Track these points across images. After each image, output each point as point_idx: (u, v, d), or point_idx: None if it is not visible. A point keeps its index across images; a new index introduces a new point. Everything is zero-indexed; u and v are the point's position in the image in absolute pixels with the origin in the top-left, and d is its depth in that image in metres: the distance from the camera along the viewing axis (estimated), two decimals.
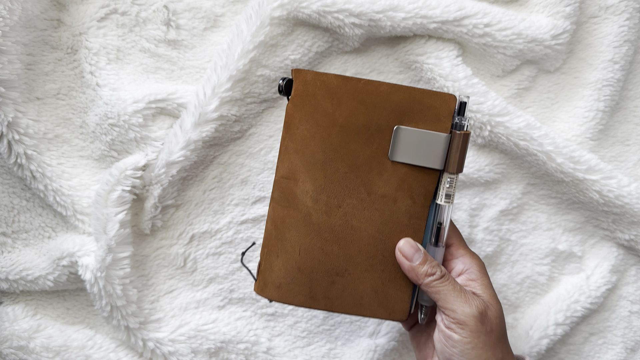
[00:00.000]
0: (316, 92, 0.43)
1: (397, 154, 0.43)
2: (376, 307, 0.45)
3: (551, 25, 0.55)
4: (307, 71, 0.43)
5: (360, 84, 0.42)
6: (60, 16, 0.54)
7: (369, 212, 0.44)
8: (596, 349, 0.62)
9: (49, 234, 0.57)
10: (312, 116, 0.43)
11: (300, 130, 0.43)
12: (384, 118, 0.43)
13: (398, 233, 0.44)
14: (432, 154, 0.43)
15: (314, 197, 0.44)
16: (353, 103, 0.43)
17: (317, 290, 0.44)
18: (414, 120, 0.43)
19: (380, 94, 0.42)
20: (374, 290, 0.44)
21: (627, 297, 0.62)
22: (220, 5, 0.55)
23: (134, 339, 0.54)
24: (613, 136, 0.61)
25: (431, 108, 0.42)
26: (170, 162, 0.52)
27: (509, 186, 0.60)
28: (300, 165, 0.44)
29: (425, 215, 0.44)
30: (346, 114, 0.43)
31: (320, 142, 0.43)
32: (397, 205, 0.44)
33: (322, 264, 0.44)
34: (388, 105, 0.42)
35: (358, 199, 0.44)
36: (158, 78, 0.55)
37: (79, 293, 0.58)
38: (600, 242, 0.62)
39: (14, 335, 0.54)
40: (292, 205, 0.44)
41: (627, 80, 0.61)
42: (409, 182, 0.43)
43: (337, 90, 0.43)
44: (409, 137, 0.42)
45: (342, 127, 0.43)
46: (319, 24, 0.53)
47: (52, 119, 0.55)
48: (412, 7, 0.52)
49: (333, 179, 0.43)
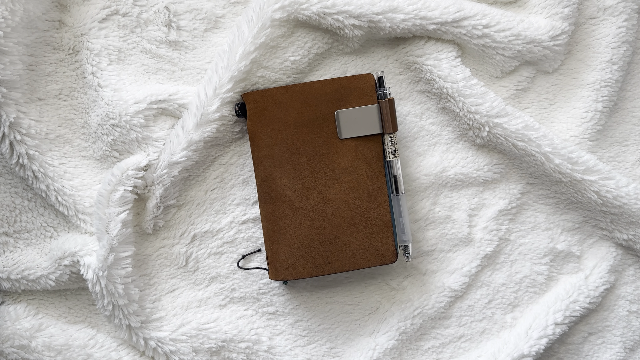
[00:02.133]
0: (266, 106, 0.52)
1: (344, 132, 0.52)
2: (369, 257, 0.54)
3: (549, 27, 0.55)
4: (254, 92, 0.52)
5: (297, 88, 0.52)
6: (61, 17, 0.55)
7: (339, 184, 0.53)
8: (595, 349, 0.62)
9: (50, 234, 0.57)
10: (269, 125, 0.52)
11: (264, 139, 0.52)
12: (325, 108, 0.52)
13: (366, 194, 0.53)
14: (370, 123, 0.52)
15: (292, 187, 0.53)
16: (297, 104, 0.52)
17: (319, 259, 0.53)
18: (348, 102, 0.52)
19: (316, 90, 0.52)
20: (363, 245, 0.54)
21: (625, 296, 0.62)
22: (221, 6, 0.56)
23: (135, 338, 0.54)
24: (611, 137, 0.61)
25: (357, 89, 0.52)
26: (172, 162, 0.52)
27: (507, 186, 0.60)
28: (273, 166, 0.53)
29: (382, 173, 0.53)
30: (295, 115, 0.52)
31: (282, 143, 0.52)
32: (358, 172, 0.53)
33: (316, 238, 0.53)
34: (324, 97, 0.52)
35: (327, 177, 0.53)
36: (159, 79, 0.56)
37: (80, 292, 0.58)
38: (599, 242, 0.62)
39: (16, 334, 0.54)
40: (276, 199, 0.53)
41: (626, 81, 0.61)
42: (361, 151, 0.53)
43: (281, 99, 0.52)
44: (349, 116, 0.52)
45: (295, 126, 0.52)
46: (319, 26, 0.54)
47: (54, 120, 0.55)
48: (411, 9, 0.53)
49: (302, 168, 0.53)
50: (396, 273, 0.59)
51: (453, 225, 0.59)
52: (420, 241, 0.59)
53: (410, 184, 0.58)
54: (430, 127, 0.59)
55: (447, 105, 0.57)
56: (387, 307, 0.59)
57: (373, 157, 0.53)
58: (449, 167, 0.59)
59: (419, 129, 0.59)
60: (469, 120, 0.56)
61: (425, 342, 0.60)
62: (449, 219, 0.59)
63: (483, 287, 0.60)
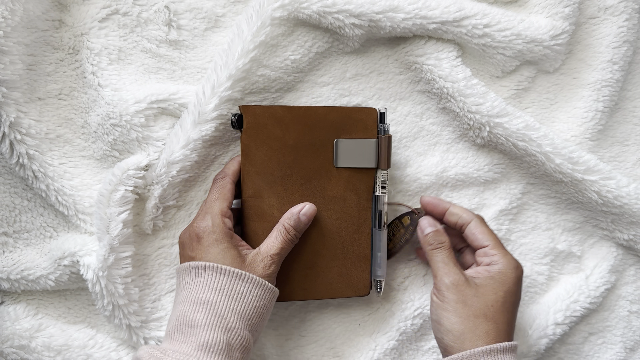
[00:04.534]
0: (266, 123, 0.51)
1: (340, 161, 0.52)
2: (344, 288, 0.54)
3: (550, 26, 0.55)
4: (255, 106, 0.51)
5: (301, 111, 0.51)
6: (61, 17, 0.54)
7: (326, 212, 0.53)
8: (595, 349, 0.62)
9: (50, 234, 0.57)
10: (266, 142, 0.51)
11: (258, 155, 0.51)
12: (325, 134, 0.52)
13: (351, 225, 0.53)
14: (366, 156, 0.52)
15: (279, 208, 0.52)
16: (298, 126, 0.51)
17: (294, 284, 0.53)
18: (349, 132, 0.52)
19: (319, 116, 0.51)
20: (340, 275, 0.54)
21: (626, 296, 0.62)
22: (221, 5, 0.56)
23: (135, 338, 0.54)
24: (612, 136, 0.61)
25: (359, 121, 0.52)
26: (170, 161, 0.52)
27: (508, 186, 0.60)
28: (263, 184, 0.52)
29: (370, 206, 0.54)
30: (294, 136, 0.51)
31: (276, 163, 0.51)
32: (347, 202, 0.53)
33: (295, 262, 0.53)
34: (326, 124, 0.51)
35: (316, 204, 0.52)
36: (159, 78, 0.55)
37: (80, 292, 0.58)
38: (599, 242, 0.62)
39: (16, 334, 0.54)
40: (261, 218, 0.52)
41: (626, 80, 0.61)
42: (353, 182, 0.53)
43: (283, 118, 0.51)
44: (347, 146, 0.52)
45: (292, 148, 0.51)
46: (319, 25, 0.53)
47: (54, 119, 0.55)
48: (411, 8, 0.53)
49: (292, 191, 0.52)
50: (396, 274, 0.59)
51: None
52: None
53: (410, 184, 0.58)
54: (430, 127, 0.59)
55: (447, 105, 0.57)
56: (387, 307, 0.59)
57: (363, 190, 0.53)
58: (450, 167, 0.59)
59: (420, 129, 0.59)
60: (470, 120, 0.56)
61: (426, 342, 0.60)
62: None
63: None
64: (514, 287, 0.50)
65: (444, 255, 0.51)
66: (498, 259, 0.50)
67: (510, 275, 0.49)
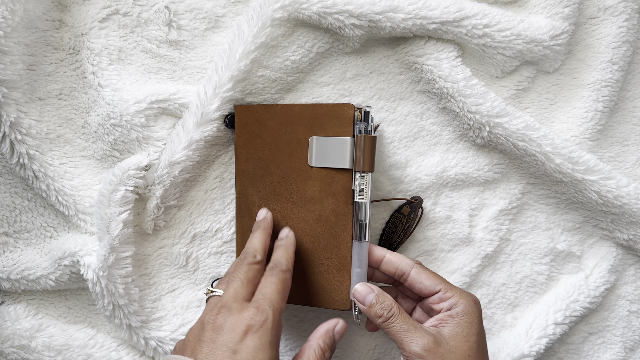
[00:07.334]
0: (249, 121, 0.51)
1: (314, 160, 0.49)
2: (322, 297, 0.51)
3: (550, 26, 0.55)
4: (242, 106, 0.52)
5: (278, 109, 0.50)
6: (62, 17, 0.55)
7: (303, 214, 0.50)
8: (595, 349, 0.62)
9: (50, 234, 0.57)
10: (248, 141, 0.52)
11: (243, 153, 0.52)
12: (301, 132, 0.50)
13: (329, 230, 0.50)
14: (341, 155, 0.48)
15: (260, 205, 0.52)
16: (275, 125, 0.51)
17: None
18: (324, 130, 0.49)
19: (295, 113, 0.50)
20: (317, 283, 0.51)
21: (625, 296, 0.62)
22: (222, 6, 0.56)
23: (135, 338, 0.54)
24: (612, 136, 0.61)
25: (334, 117, 0.48)
26: (172, 162, 0.52)
27: (508, 186, 0.60)
28: (247, 181, 0.52)
29: (349, 212, 0.49)
30: (272, 135, 0.51)
31: (257, 161, 0.52)
32: (324, 205, 0.50)
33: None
34: (302, 121, 0.50)
35: (293, 204, 0.51)
36: (160, 78, 0.56)
37: (80, 292, 0.58)
38: (599, 242, 0.62)
39: (16, 334, 0.54)
40: (247, 214, 0.53)
41: (626, 80, 0.61)
42: (329, 183, 0.49)
43: (262, 117, 0.51)
44: (322, 145, 0.49)
45: (270, 146, 0.51)
46: (319, 25, 0.54)
47: (54, 119, 0.55)
48: (411, 8, 0.53)
49: (271, 189, 0.51)
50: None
51: (454, 225, 0.59)
52: (420, 241, 0.59)
53: (411, 184, 0.58)
54: (430, 127, 0.59)
55: (447, 105, 0.57)
56: None
57: (341, 193, 0.49)
58: (450, 167, 0.59)
59: (420, 129, 0.59)
60: (470, 120, 0.56)
61: None
62: (450, 219, 0.59)
63: (483, 287, 0.61)
64: (480, 325, 0.47)
65: (400, 323, 0.45)
66: (456, 300, 0.46)
67: (475, 314, 0.46)
